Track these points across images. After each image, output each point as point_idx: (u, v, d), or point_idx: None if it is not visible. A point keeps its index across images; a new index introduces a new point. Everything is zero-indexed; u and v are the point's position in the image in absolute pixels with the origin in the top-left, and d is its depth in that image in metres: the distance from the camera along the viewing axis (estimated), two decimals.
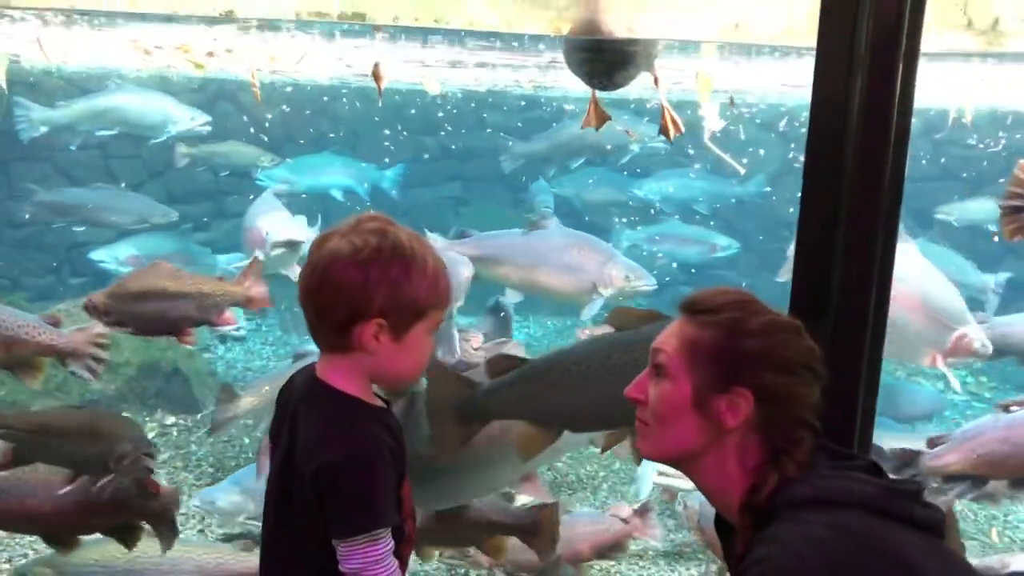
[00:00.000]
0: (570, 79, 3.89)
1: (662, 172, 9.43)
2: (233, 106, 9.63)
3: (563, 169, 8.94)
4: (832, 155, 2.13)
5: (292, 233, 5.95)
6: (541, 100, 10.22)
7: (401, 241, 1.91)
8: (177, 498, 3.64)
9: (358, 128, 10.10)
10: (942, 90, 6.14)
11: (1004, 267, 7.04)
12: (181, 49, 5.80)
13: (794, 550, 1.58)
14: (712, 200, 9.34)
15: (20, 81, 8.09)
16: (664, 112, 3.53)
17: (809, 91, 2.16)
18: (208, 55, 5.74)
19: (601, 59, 3.61)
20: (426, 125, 10.30)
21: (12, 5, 4.64)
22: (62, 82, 8.79)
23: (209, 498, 4.69)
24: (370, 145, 9.98)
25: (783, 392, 1.73)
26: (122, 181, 8.95)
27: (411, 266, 1.91)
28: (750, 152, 9.19)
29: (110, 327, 3.94)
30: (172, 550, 3.65)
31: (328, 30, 5.14)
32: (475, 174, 10.46)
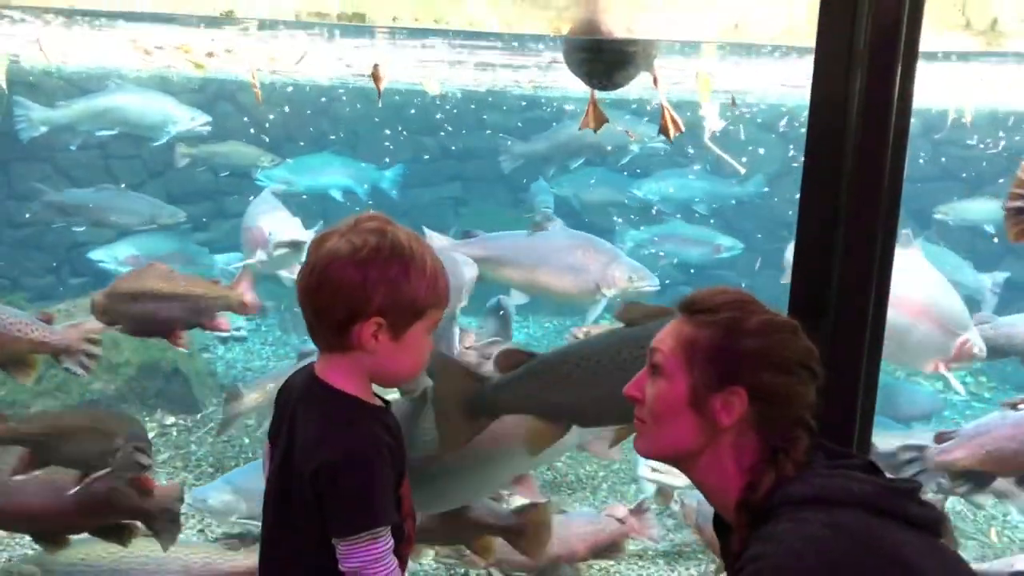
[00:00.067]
0: (570, 79, 3.89)
1: (661, 172, 9.42)
2: (233, 106, 9.62)
3: (562, 169, 8.93)
4: (831, 155, 2.14)
5: (295, 233, 5.95)
6: (541, 100, 10.22)
7: (400, 241, 1.92)
8: (179, 496, 3.59)
9: (358, 128, 10.09)
10: (941, 90, 6.13)
11: (1004, 267, 7.05)
12: (181, 49, 5.79)
13: (791, 548, 1.58)
14: (711, 200, 9.34)
15: (20, 81, 8.08)
16: (664, 112, 3.53)
17: (808, 91, 2.17)
18: (208, 55, 5.74)
19: (601, 59, 3.61)
20: (426, 125, 10.29)
21: (12, 5, 4.64)
22: (62, 82, 8.78)
23: (201, 497, 4.68)
24: (370, 145, 9.97)
25: (779, 391, 1.74)
26: (122, 181, 8.92)
27: (410, 266, 1.91)
28: (749, 151, 9.18)
29: (107, 326, 3.95)
30: (158, 549, 3.59)
31: (328, 31, 5.14)
32: (475, 174, 10.44)
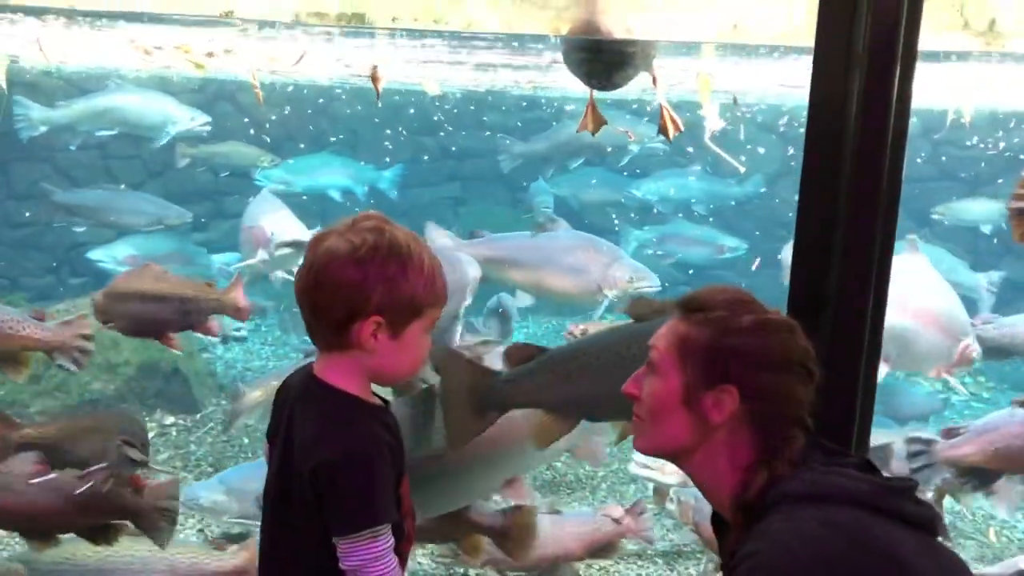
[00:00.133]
0: (569, 79, 3.89)
1: (660, 172, 9.43)
2: (233, 106, 9.62)
3: (562, 169, 8.93)
4: (830, 155, 2.14)
5: (297, 233, 5.94)
6: (541, 100, 10.22)
7: (398, 240, 1.92)
8: (174, 493, 3.52)
9: (357, 129, 10.09)
10: (940, 91, 6.13)
11: (1003, 267, 7.05)
12: (181, 49, 5.79)
13: (784, 545, 1.58)
14: (710, 200, 9.34)
15: (20, 81, 8.08)
16: (663, 112, 3.53)
17: (807, 91, 2.17)
18: (208, 55, 5.73)
19: (600, 59, 3.61)
20: (425, 125, 10.29)
21: (12, 5, 4.64)
22: (62, 82, 8.78)
23: (193, 496, 4.66)
24: (369, 146, 9.98)
25: (770, 390, 1.75)
26: (121, 181, 8.92)
27: (408, 264, 1.92)
28: (748, 151, 9.19)
29: (104, 325, 3.96)
30: (143, 549, 3.58)
31: (327, 31, 5.14)
32: (474, 174, 10.44)
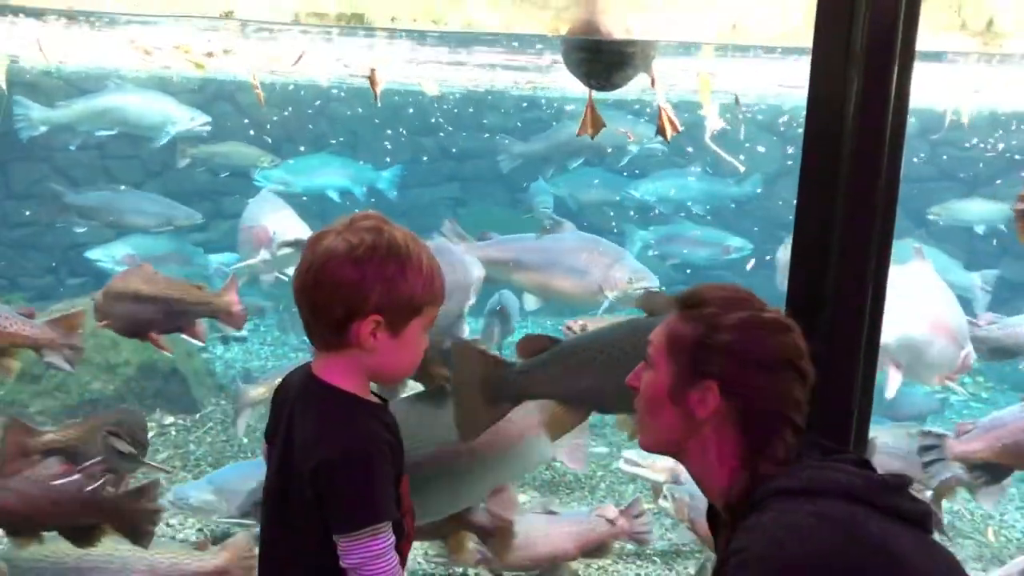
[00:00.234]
0: (569, 80, 3.89)
1: (659, 173, 9.43)
2: (232, 107, 9.62)
3: (561, 169, 8.94)
4: (828, 154, 2.15)
5: (300, 232, 5.94)
6: (540, 101, 10.22)
7: (396, 239, 1.93)
8: (155, 494, 3.49)
9: (357, 129, 10.09)
10: (939, 91, 6.14)
11: (1001, 268, 7.05)
12: (181, 49, 5.78)
13: (773, 537, 1.59)
14: (709, 200, 9.34)
15: (20, 81, 8.08)
16: (661, 112, 3.53)
17: (806, 91, 2.17)
18: (207, 55, 5.73)
19: (599, 60, 3.62)
20: (424, 126, 10.29)
21: (12, 5, 4.64)
22: (61, 82, 8.78)
23: (183, 495, 4.66)
24: (369, 146, 9.97)
25: (752, 387, 1.76)
26: (121, 181, 8.91)
27: (406, 263, 1.92)
28: (747, 150, 9.18)
29: (99, 324, 3.97)
30: (124, 549, 3.56)
31: (327, 31, 5.14)
32: (473, 174, 10.45)
